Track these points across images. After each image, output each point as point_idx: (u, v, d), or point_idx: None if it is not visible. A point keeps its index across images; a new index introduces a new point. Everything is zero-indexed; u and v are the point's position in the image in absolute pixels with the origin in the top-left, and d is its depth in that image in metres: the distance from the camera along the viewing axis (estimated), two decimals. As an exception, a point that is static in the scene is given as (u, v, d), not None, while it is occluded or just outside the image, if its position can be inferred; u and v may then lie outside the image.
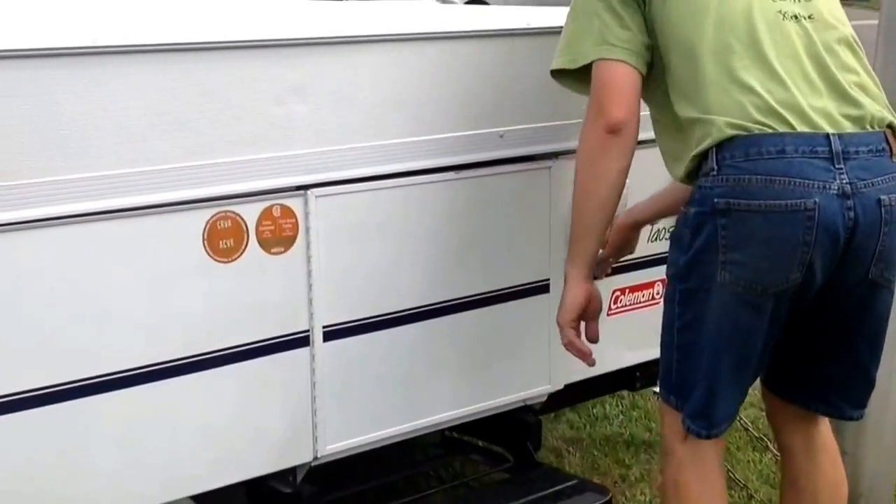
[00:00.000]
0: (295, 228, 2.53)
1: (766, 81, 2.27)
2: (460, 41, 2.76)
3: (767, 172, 2.22)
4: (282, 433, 2.61)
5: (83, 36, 2.21)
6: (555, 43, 2.73)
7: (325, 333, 2.62)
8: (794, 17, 2.32)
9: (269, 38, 2.44)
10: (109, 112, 2.23)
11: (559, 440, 4.04)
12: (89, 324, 2.27)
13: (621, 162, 2.47)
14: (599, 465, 3.85)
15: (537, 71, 2.91)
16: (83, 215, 2.22)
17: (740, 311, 2.33)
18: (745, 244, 2.26)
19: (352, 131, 2.59)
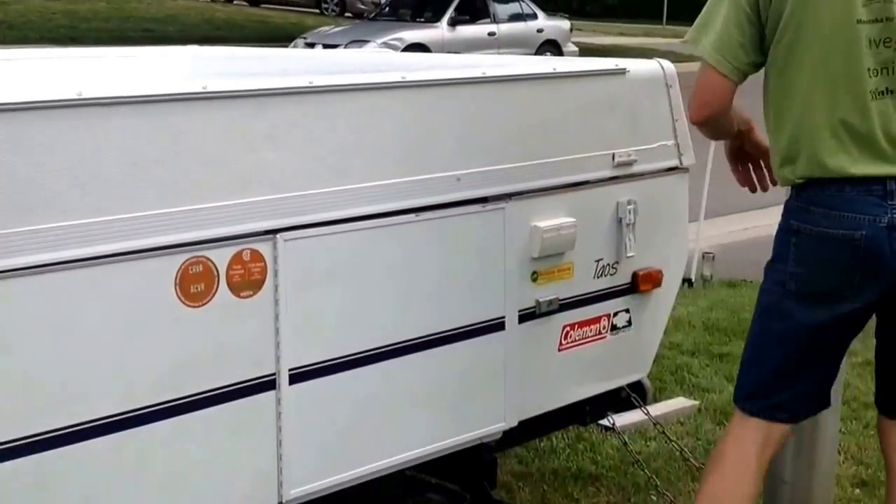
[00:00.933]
0: (263, 272, 2.57)
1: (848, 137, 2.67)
2: (420, 90, 2.85)
3: (829, 206, 2.67)
4: (247, 479, 2.63)
5: (66, 89, 2.23)
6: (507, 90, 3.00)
7: (290, 376, 2.66)
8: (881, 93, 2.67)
9: (242, 90, 2.49)
10: (84, 162, 2.26)
11: (509, 475, 4.09)
12: (57, 374, 2.28)
13: (711, 133, 3.02)
14: (549, 500, 3.92)
15: (492, 117, 3.01)
16: (56, 264, 2.24)
17: (798, 315, 2.76)
18: (808, 261, 2.72)
19: (318, 176, 2.64)
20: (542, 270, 3.21)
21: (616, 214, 3.39)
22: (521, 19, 20.35)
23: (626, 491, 4.00)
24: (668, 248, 3.59)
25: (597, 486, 4.02)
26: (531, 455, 4.26)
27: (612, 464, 4.16)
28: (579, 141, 3.26)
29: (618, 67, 3.38)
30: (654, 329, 3.64)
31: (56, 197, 2.23)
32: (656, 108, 3.47)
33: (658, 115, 3.48)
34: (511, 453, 4.24)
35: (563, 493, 3.96)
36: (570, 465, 4.16)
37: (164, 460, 2.48)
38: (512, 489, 3.98)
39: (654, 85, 3.46)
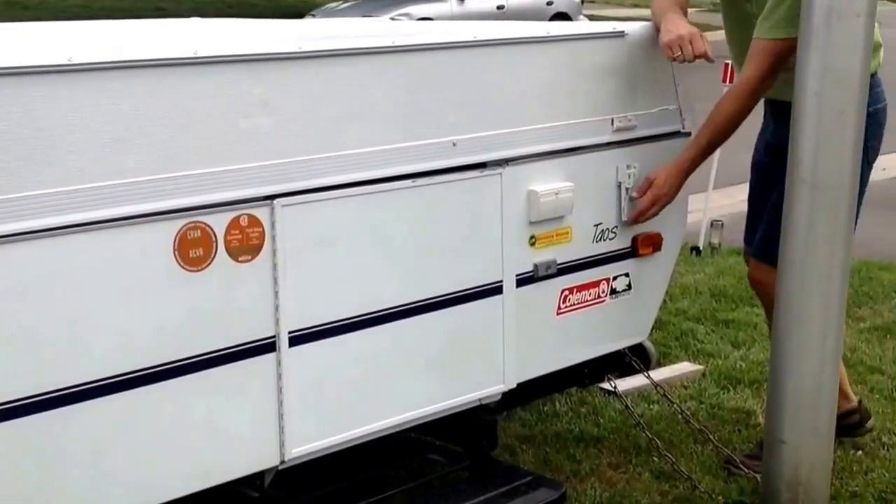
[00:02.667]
0: (261, 237, 2.64)
1: None
2: (414, 54, 2.90)
3: None
4: (249, 438, 2.71)
5: (58, 54, 2.30)
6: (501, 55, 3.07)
7: (290, 339, 2.73)
8: None
9: (234, 54, 2.55)
10: (80, 127, 2.32)
11: (512, 438, 4.17)
12: (61, 336, 2.36)
13: None
14: (552, 461, 3.98)
15: (486, 81, 3.06)
16: (54, 229, 2.31)
17: None
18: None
19: (314, 143, 2.70)
20: (540, 235, 3.27)
21: (616, 179, 3.45)
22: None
23: (628, 453, 4.07)
24: (669, 213, 3.63)
25: (599, 448, 4.09)
26: (534, 418, 4.33)
27: (615, 426, 4.23)
28: (577, 105, 3.31)
29: (615, 31, 3.42)
30: (654, 293, 3.70)
31: (53, 163, 2.30)
32: (658, 72, 3.51)
33: (659, 80, 3.52)
34: (514, 416, 4.32)
35: (565, 455, 4.03)
36: (573, 427, 4.24)
37: (167, 420, 2.56)
38: (515, 451, 4.06)
39: (656, 49, 3.49)
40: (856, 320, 5.43)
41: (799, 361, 3.42)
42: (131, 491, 2.53)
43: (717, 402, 4.50)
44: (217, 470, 2.67)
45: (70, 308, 2.37)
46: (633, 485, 3.85)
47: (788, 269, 3.40)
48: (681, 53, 3.37)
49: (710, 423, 4.29)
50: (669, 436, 4.18)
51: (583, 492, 3.77)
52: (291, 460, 2.79)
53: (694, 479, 3.82)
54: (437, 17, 17.60)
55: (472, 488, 3.19)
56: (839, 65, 3.22)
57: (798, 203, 3.36)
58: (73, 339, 2.38)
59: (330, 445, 2.87)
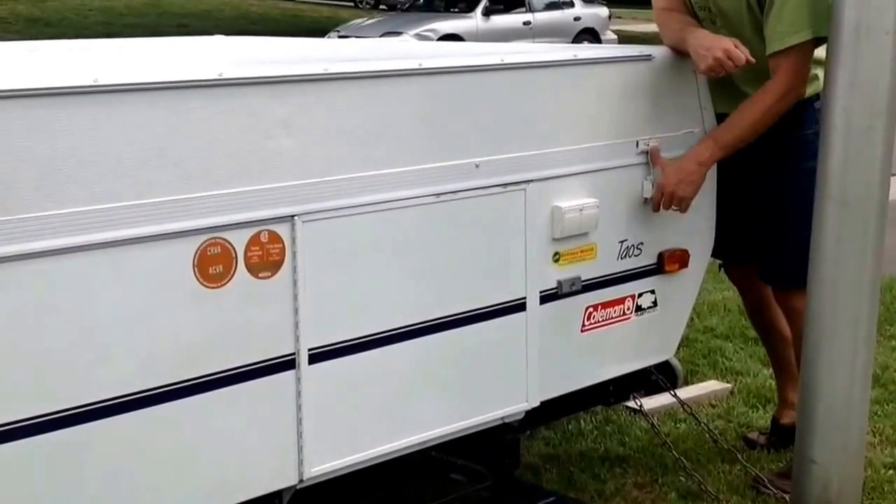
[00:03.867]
0: (282, 253, 2.66)
1: None
2: (435, 77, 2.93)
3: None
4: (267, 457, 2.73)
5: (83, 76, 2.33)
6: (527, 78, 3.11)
7: (310, 356, 2.75)
8: None
9: (258, 76, 2.58)
10: (103, 148, 2.36)
11: (536, 457, 4.17)
12: (82, 353, 2.38)
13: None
14: (576, 481, 3.98)
15: (510, 104, 3.08)
16: (78, 248, 2.34)
17: None
18: None
19: (336, 163, 2.73)
20: (564, 251, 3.28)
21: (641, 195, 3.45)
22: (557, 7, 20.26)
23: (654, 472, 4.06)
24: (695, 230, 3.64)
25: (624, 467, 4.08)
26: (558, 437, 4.33)
27: (640, 446, 4.23)
28: (602, 128, 3.32)
29: (643, 54, 3.43)
30: (680, 310, 3.70)
31: (76, 182, 2.33)
32: (684, 95, 3.53)
33: (685, 103, 3.54)
34: (538, 435, 4.33)
35: (590, 474, 4.03)
36: (598, 446, 4.23)
37: (186, 438, 2.57)
38: (539, 471, 4.06)
39: (682, 72, 3.51)
40: (887, 338, 5.40)
41: (829, 379, 3.41)
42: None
43: (745, 420, 4.48)
44: (234, 488, 2.68)
45: (89, 325, 2.39)
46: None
47: (818, 287, 3.39)
48: (724, 71, 3.38)
49: (738, 443, 4.28)
50: (696, 455, 4.17)
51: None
52: (310, 479, 2.80)
53: (721, 498, 3.81)
54: (462, 33, 17.71)
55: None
56: (867, 80, 3.22)
57: (827, 220, 3.36)
58: (92, 356, 2.40)
59: (349, 464, 2.88)
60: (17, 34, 18.58)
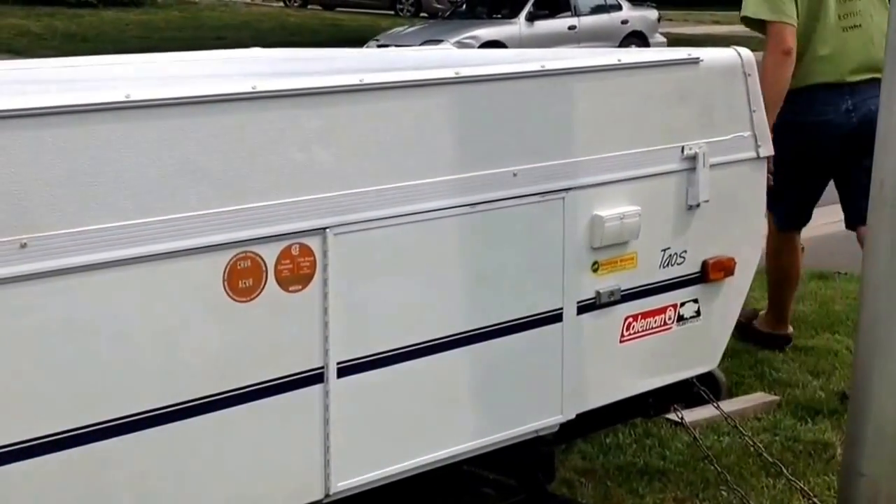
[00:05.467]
0: (313, 266, 2.69)
1: None
2: (471, 86, 2.96)
3: None
4: (294, 471, 2.77)
5: (114, 92, 2.37)
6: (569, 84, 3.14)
7: (339, 370, 2.78)
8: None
9: (288, 89, 2.62)
10: (134, 164, 2.41)
11: (571, 471, 4.18)
12: (111, 367, 2.43)
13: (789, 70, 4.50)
14: (613, 496, 3.99)
15: (549, 111, 3.10)
16: (108, 263, 2.39)
17: None
18: None
19: (369, 174, 2.76)
20: (604, 261, 3.29)
21: (685, 203, 3.46)
22: (604, 11, 20.00)
23: (695, 486, 4.06)
24: (742, 238, 3.65)
25: (664, 481, 4.09)
26: (595, 451, 4.34)
27: (681, 459, 4.22)
28: (646, 134, 3.33)
29: (690, 57, 3.44)
30: (725, 320, 3.70)
31: (106, 198, 2.37)
32: (732, 98, 3.54)
33: (734, 106, 3.54)
34: (574, 449, 4.34)
35: (627, 489, 4.04)
36: (637, 460, 4.24)
37: (214, 452, 2.63)
38: (574, 485, 4.07)
39: (731, 74, 3.51)
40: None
41: (880, 390, 3.39)
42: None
43: (792, 434, 4.47)
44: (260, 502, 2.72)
45: (118, 341, 2.44)
46: (698, 520, 3.85)
47: (871, 294, 3.37)
48: None
49: (784, 456, 4.27)
50: (739, 469, 4.17)
51: (645, 526, 3.79)
52: (337, 494, 2.84)
53: (765, 515, 3.82)
54: (505, 39, 17.62)
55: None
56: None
57: (881, 225, 3.33)
58: (121, 371, 2.46)
59: (377, 479, 2.92)
60: (53, 50, 18.62)
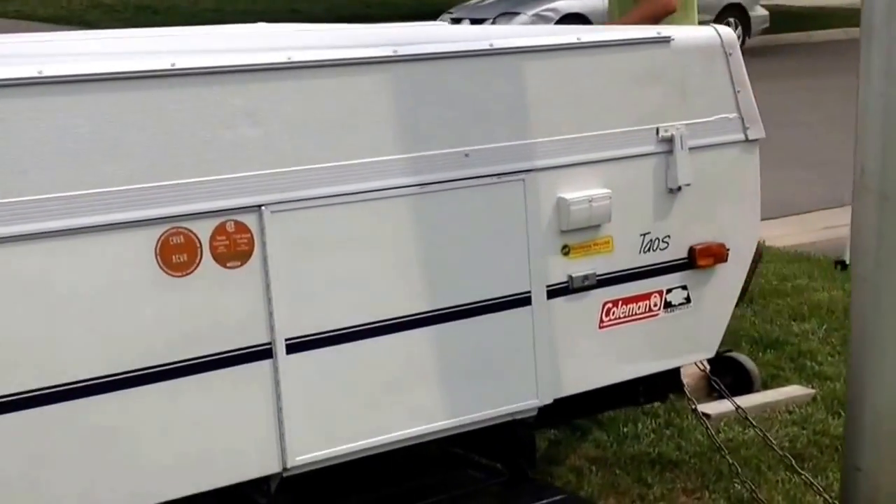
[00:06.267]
0: (251, 243, 2.83)
1: None
2: (415, 64, 3.04)
3: None
4: (247, 444, 2.90)
5: (28, 68, 2.56)
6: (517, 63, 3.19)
7: (287, 346, 2.91)
8: None
9: (215, 66, 2.76)
10: (59, 138, 2.58)
11: (583, 459, 4.24)
12: (42, 337, 2.60)
13: None
14: (619, 485, 4.04)
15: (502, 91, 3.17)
16: (37, 234, 2.57)
17: None
18: None
19: (307, 153, 2.88)
20: (575, 244, 3.34)
21: (665, 186, 3.48)
22: None
23: (707, 478, 4.07)
24: (734, 224, 3.64)
25: (676, 472, 4.11)
26: (611, 439, 4.39)
27: (697, 451, 4.24)
28: (614, 116, 3.37)
29: (660, 36, 3.46)
30: (719, 307, 3.69)
31: (33, 171, 2.55)
32: (712, 78, 3.54)
33: (715, 87, 3.55)
34: (589, 437, 4.40)
35: (636, 478, 4.08)
36: (651, 450, 4.26)
37: (158, 422, 2.77)
38: (582, 472, 4.13)
39: (709, 54, 3.52)
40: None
41: (874, 384, 3.38)
42: (122, 493, 2.75)
43: (821, 428, 4.43)
44: (213, 474, 2.85)
45: (50, 310, 2.61)
46: (704, 511, 3.86)
47: (860, 286, 3.37)
48: None
49: (809, 451, 4.25)
50: (757, 462, 4.17)
51: (645, 517, 3.82)
52: (295, 468, 2.96)
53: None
54: (588, 12, 17.33)
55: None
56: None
57: (866, 215, 3.32)
58: (53, 340, 2.62)
59: (336, 455, 3.02)
60: (124, 22, 19.32)
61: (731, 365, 4.82)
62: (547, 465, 4.23)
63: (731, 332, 5.33)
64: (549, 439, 4.44)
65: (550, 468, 4.20)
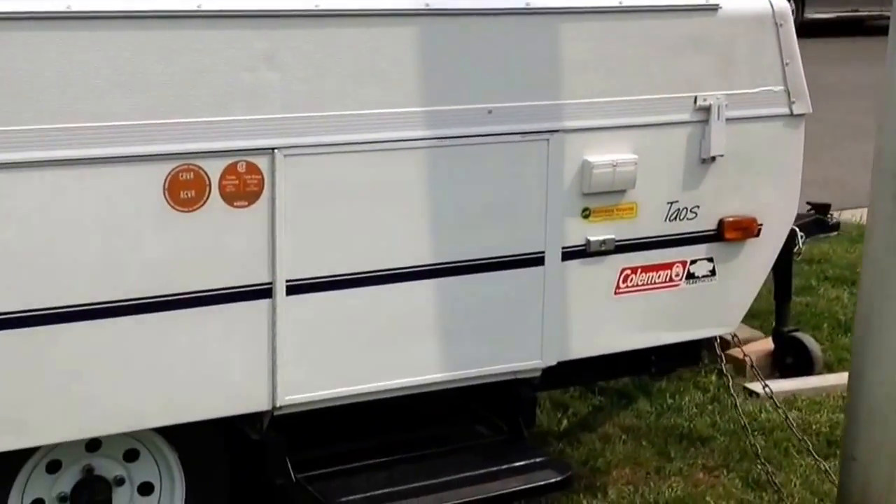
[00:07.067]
0: (260, 184, 2.94)
1: None
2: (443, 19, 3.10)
3: None
4: (240, 379, 3.03)
5: (58, 2, 2.69)
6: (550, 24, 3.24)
7: (288, 287, 3.02)
8: None
9: (237, 9, 2.86)
10: (79, 72, 2.72)
11: (617, 427, 4.31)
12: (45, 260, 2.76)
13: None
14: (640, 455, 4.09)
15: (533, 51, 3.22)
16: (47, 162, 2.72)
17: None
18: None
19: (325, 100, 2.97)
20: (596, 208, 3.39)
21: (698, 156, 3.49)
22: None
23: (731, 457, 4.11)
24: (770, 198, 3.65)
25: (702, 448, 4.16)
26: (653, 410, 4.44)
27: (731, 429, 4.26)
28: (649, 82, 3.40)
29: (707, 4, 3.45)
30: (746, 282, 3.72)
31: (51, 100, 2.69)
32: (760, 49, 3.53)
33: (762, 58, 3.54)
34: (631, 406, 4.45)
35: (659, 450, 4.13)
36: (687, 424, 4.31)
37: (152, 350, 2.92)
38: (611, 440, 4.20)
39: (758, 24, 3.52)
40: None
41: (873, 374, 3.38)
42: (110, 413, 2.91)
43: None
44: (202, 405, 3.01)
45: (53, 234, 2.76)
46: (716, 489, 3.91)
47: (868, 270, 3.35)
48: None
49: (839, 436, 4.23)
50: (788, 445, 4.17)
51: (655, 489, 3.88)
52: (286, 407, 3.09)
53: (783, 490, 3.82)
54: None
55: (479, 460, 3.38)
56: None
57: (881, 196, 3.31)
58: (57, 263, 2.78)
59: (327, 398, 3.14)
60: None
61: (795, 344, 4.84)
62: (579, 431, 4.32)
63: (816, 313, 5.40)
64: (594, 405, 4.52)
65: (581, 434, 4.29)
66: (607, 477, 3.96)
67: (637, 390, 4.58)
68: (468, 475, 3.32)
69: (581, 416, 4.41)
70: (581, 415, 4.42)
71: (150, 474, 3.19)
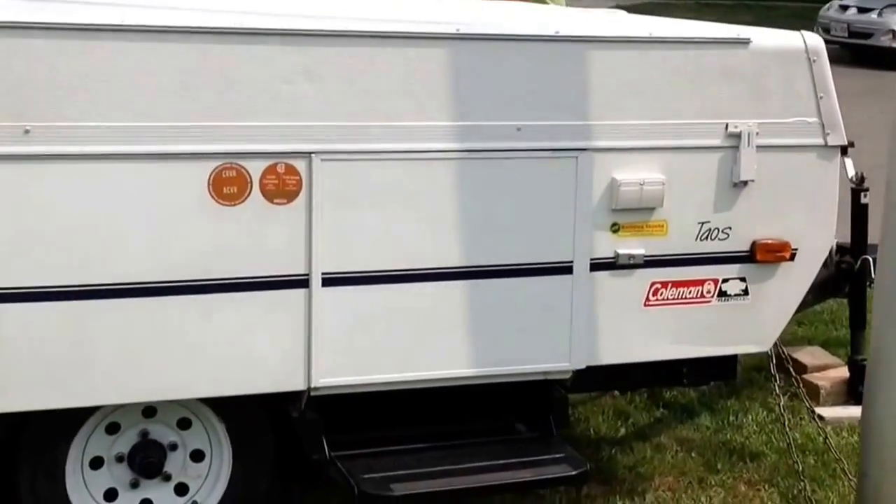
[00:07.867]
0: (298, 185, 3.36)
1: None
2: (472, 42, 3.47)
3: None
4: (279, 360, 3.44)
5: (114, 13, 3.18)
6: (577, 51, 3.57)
7: (323, 279, 3.43)
8: None
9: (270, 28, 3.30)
10: (137, 79, 3.20)
11: (673, 439, 4.55)
12: (103, 242, 3.23)
13: None
14: (687, 466, 4.33)
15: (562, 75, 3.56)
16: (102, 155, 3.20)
17: None
18: None
19: (359, 111, 3.37)
20: (626, 223, 3.68)
21: (730, 181, 3.75)
22: None
23: (776, 473, 4.30)
24: (805, 225, 3.87)
25: (750, 464, 4.36)
26: (713, 425, 4.67)
27: (783, 447, 4.43)
28: (678, 107, 3.68)
29: (738, 38, 3.73)
30: (780, 304, 3.92)
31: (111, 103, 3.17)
32: (792, 82, 3.78)
33: (795, 90, 3.79)
34: (692, 420, 4.69)
35: (705, 463, 4.36)
36: (741, 440, 4.52)
37: (195, 328, 3.35)
38: (663, 449, 4.44)
39: (790, 58, 3.77)
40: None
41: (886, 393, 3.54)
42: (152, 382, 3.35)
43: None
44: (243, 380, 3.43)
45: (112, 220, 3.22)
46: (754, 502, 4.11)
47: (881, 296, 3.52)
48: None
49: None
50: (836, 466, 4.33)
51: (692, 497, 4.11)
52: (321, 389, 3.48)
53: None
54: None
55: (503, 452, 3.70)
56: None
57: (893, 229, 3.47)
58: (111, 246, 3.24)
59: (360, 383, 3.53)
60: None
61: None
62: (634, 439, 4.58)
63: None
64: (656, 417, 4.78)
65: (635, 442, 4.55)
66: (650, 483, 4.21)
67: (702, 406, 4.82)
68: (486, 464, 3.65)
69: (640, 425, 4.67)
70: (640, 424, 4.67)
71: (202, 442, 3.63)
